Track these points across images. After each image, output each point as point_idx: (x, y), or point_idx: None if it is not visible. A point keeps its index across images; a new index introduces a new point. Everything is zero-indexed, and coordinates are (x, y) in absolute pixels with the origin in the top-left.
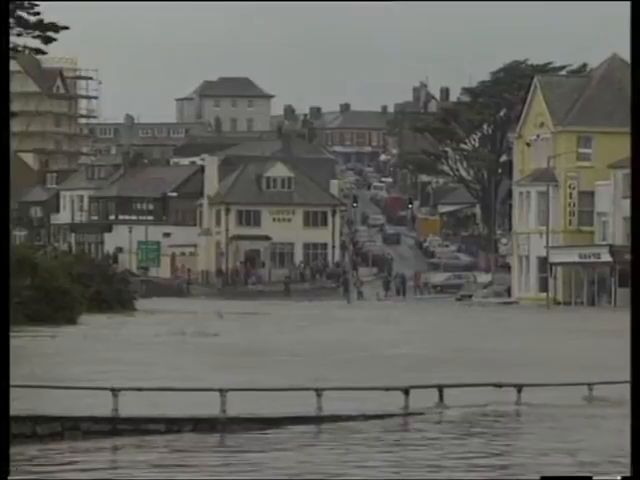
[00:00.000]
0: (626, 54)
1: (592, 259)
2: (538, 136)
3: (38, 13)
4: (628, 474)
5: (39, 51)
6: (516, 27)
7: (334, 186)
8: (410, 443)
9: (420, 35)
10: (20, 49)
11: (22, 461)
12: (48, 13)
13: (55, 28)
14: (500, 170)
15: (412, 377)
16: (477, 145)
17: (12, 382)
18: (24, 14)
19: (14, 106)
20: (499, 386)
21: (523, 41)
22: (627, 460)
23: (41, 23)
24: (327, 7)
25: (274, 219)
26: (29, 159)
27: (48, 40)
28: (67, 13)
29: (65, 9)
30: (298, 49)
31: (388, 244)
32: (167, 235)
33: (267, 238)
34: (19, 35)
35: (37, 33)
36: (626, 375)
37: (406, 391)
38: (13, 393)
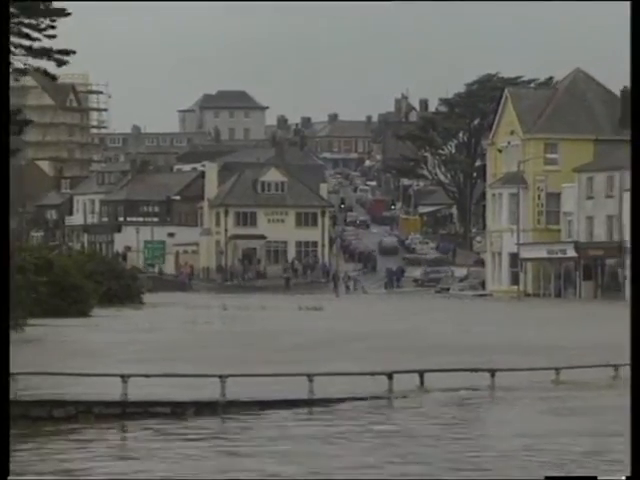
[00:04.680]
0: (588, 68)
1: (559, 255)
2: (509, 143)
3: (54, 36)
4: None
5: (49, 74)
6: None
7: (324, 189)
8: None
9: (402, 50)
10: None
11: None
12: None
13: (65, 52)
14: (475, 174)
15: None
16: (454, 151)
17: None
18: (39, 35)
19: (31, 118)
20: (475, 371)
21: (495, 55)
22: None
23: (51, 50)
24: (318, 27)
25: (269, 220)
26: (45, 166)
27: (61, 63)
28: (80, 34)
29: (77, 30)
30: (291, 65)
31: (358, 228)
32: (171, 235)
33: (263, 237)
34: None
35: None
36: None
37: (390, 375)
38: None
